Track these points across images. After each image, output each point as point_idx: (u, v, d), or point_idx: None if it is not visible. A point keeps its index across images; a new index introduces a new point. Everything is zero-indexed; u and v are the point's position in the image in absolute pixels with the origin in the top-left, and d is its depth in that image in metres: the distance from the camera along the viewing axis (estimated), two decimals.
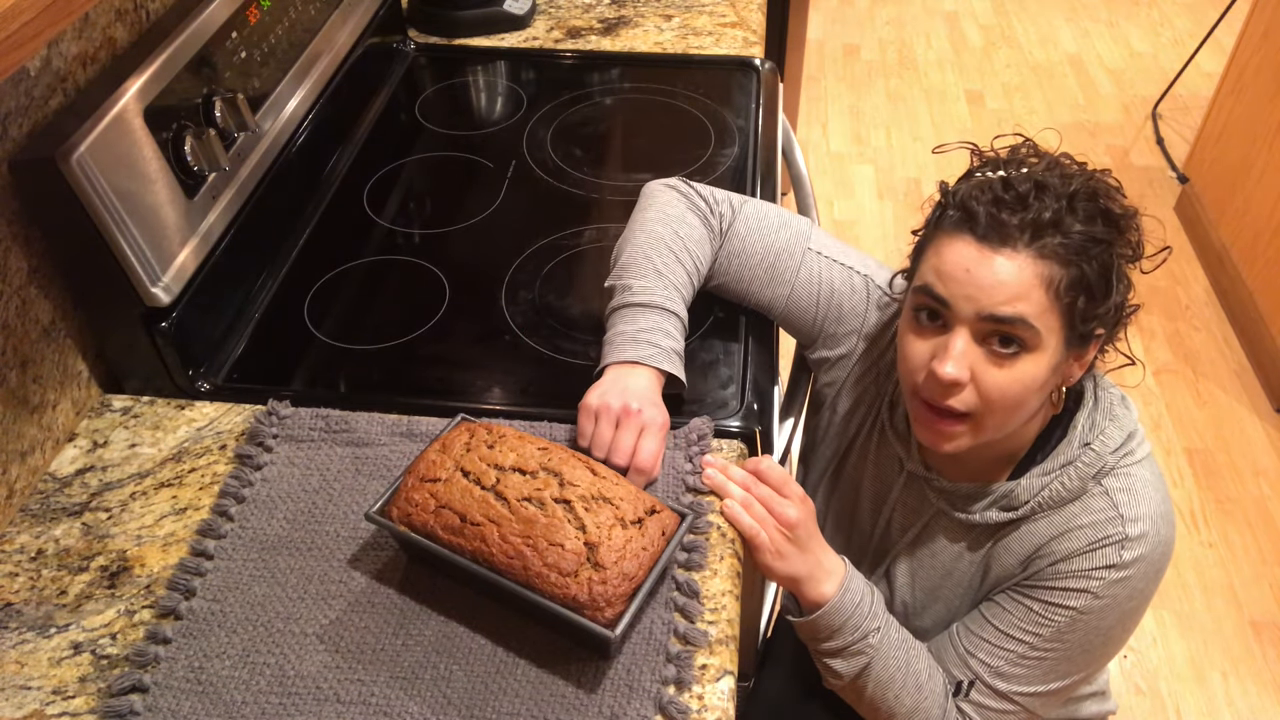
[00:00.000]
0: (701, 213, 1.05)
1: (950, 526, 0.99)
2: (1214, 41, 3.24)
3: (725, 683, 0.78)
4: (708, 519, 0.89)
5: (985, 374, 0.84)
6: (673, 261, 1.00)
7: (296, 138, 1.22)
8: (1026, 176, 0.83)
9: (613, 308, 0.99)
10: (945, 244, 0.85)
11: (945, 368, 0.83)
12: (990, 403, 0.85)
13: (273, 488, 0.93)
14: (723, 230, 1.05)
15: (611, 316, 0.98)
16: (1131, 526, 0.88)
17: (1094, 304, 0.83)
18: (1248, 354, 2.41)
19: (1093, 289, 0.82)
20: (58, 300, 0.97)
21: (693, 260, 1.02)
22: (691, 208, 1.05)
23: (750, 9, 1.65)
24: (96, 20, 0.98)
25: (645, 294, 0.97)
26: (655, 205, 1.05)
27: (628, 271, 0.99)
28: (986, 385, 0.84)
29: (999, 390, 0.84)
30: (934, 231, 0.88)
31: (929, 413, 0.88)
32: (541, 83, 1.51)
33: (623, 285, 0.99)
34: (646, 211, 1.05)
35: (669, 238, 1.01)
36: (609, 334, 0.97)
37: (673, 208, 1.04)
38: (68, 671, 0.80)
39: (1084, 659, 0.94)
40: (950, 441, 0.88)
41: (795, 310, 1.05)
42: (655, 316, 0.96)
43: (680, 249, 1.01)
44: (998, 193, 0.83)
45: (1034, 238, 0.81)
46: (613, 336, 0.96)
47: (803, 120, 3.21)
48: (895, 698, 0.96)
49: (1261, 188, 2.36)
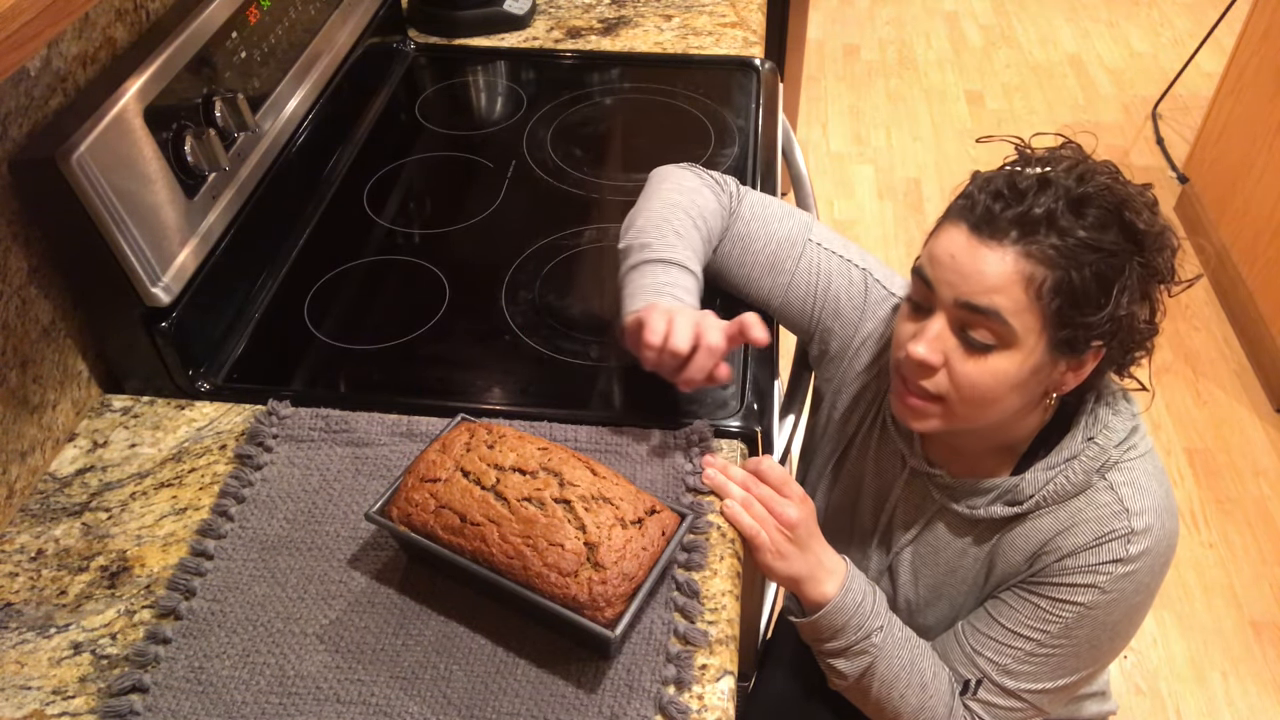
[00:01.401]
0: (713, 187, 1.06)
1: (954, 523, 0.99)
2: (1214, 41, 3.24)
3: (725, 683, 0.78)
4: (708, 519, 0.89)
5: (957, 363, 0.85)
6: (690, 227, 1.00)
7: (296, 138, 1.22)
8: (1035, 174, 0.83)
9: (632, 265, 0.97)
10: (944, 229, 0.87)
11: (917, 348, 0.86)
12: (960, 390, 0.86)
13: (273, 488, 0.93)
14: (732, 207, 1.06)
15: (630, 274, 0.97)
16: (1137, 520, 0.88)
17: (1078, 312, 0.82)
18: (1248, 354, 2.41)
19: (1077, 296, 0.81)
20: (58, 300, 0.97)
21: (707, 229, 1.02)
22: (705, 184, 1.06)
23: (750, 9, 1.65)
24: (96, 20, 0.98)
25: (667, 250, 0.96)
26: (671, 179, 1.06)
27: (645, 233, 0.99)
28: (957, 374, 0.86)
29: (968, 380, 0.85)
30: (943, 216, 0.89)
31: (903, 388, 0.90)
32: (541, 83, 1.51)
33: (641, 244, 0.98)
34: (662, 184, 1.05)
35: (686, 205, 1.02)
36: (629, 289, 0.95)
37: (688, 181, 1.05)
38: (68, 671, 0.80)
39: (1092, 654, 0.94)
40: (920, 420, 0.90)
41: (793, 301, 1.05)
42: (676, 272, 0.95)
43: (697, 216, 1.01)
44: (1000, 186, 0.83)
45: (1022, 234, 0.81)
46: (634, 290, 0.94)
47: (803, 120, 3.21)
48: (900, 697, 0.96)
49: (1261, 188, 2.36)
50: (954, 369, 0.86)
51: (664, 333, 0.87)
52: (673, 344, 0.86)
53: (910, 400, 0.90)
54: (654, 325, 0.87)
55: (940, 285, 0.85)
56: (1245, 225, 2.43)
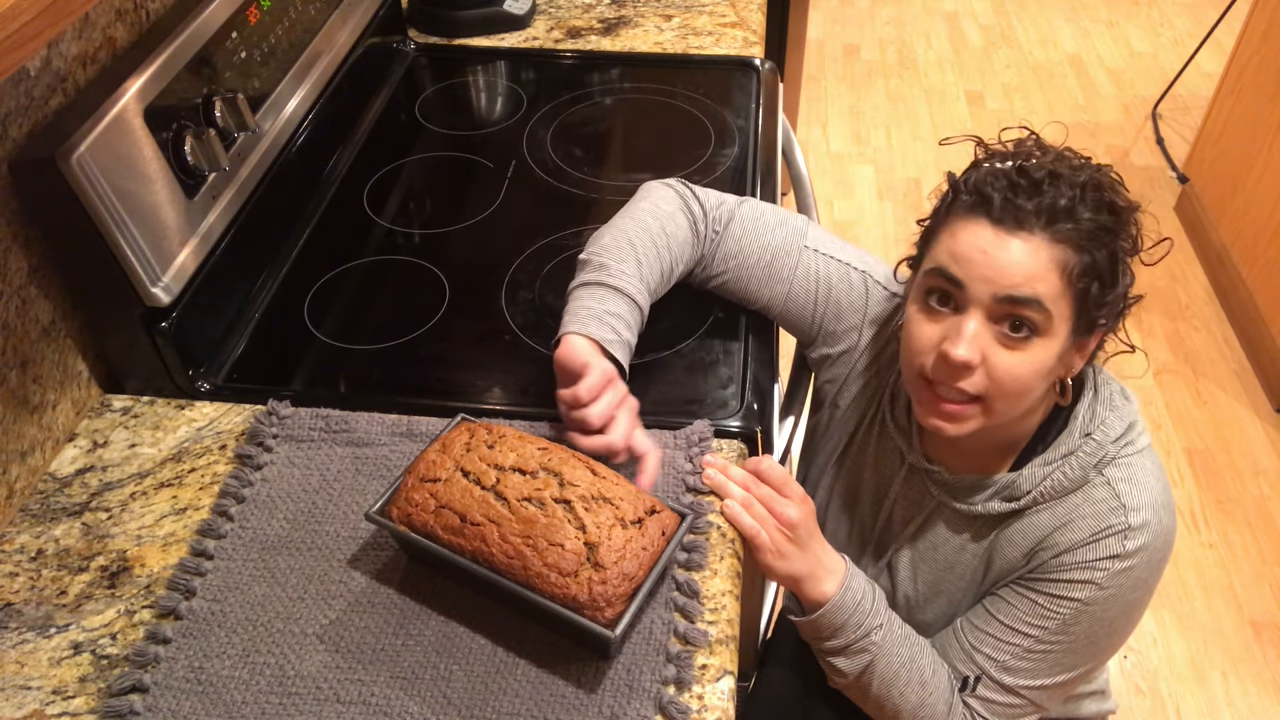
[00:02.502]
0: (693, 216, 1.05)
1: (952, 519, 1.00)
2: (1214, 41, 3.24)
3: (725, 683, 0.78)
4: (708, 519, 0.89)
5: (996, 356, 0.84)
6: (654, 256, 1.00)
7: (296, 138, 1.22)
8: (1040, 165, 0.84)
9: (583, 281, 0.97)
10: (960, 227, 0.85)
11: (958, 350, 0.84)
12: (1001, 385, 0.85)
13: (273, 488, 0.93)
14: (710, 237, 1.05)
15: (579, 289, 0.97)
16: (1134, 516, 0.88)
17: (1104, 291, 0.84)
18: (1248, 354, 2.41)
19: (1103, 276, 0.84)
20: (58, 300, 0.97)
21: (671, 259, 1.02)
22: (684, 209, 1.04)
23: (750, 9, 1.65)
24: (96, 20, 0.98)
25: (620, 279, 0.96)
26: (650, 199, 1.05)
27: (608, 252, 0.99)
28: (997, 368, 0.84)
29: (1010, 374, 0.84)
30: (945, 217, 0.88)
31: (934, 396, 0.88)
32: (541, 83, 1.51)
33: (600, 263, 0.97)
34: (640, 203, 1.05)
35: (655, 231, 1.01)
36: (573, 304, 0.96)
37: (666, 204, 1.04)
38: (68, 671, 0.80)
39: (1089, 650, 0.94)
40: (958, 424, 0.88)
41: (794, 308, 1.05)
42: (622, 304, 0.95)
43: (664, 245, 1.01)
44: (1013, 178, 0.84)
45: (1049, 222, 0.82)
46: (577, 309, 0.95)
47: (803, 120, 3.21)
48: (900, 695, 0.96)
49: (1261, 188, 2.36)
50: (992, 364, 0.85)
51: (587, 402, 0.88)
52: (587, 418, 0.88)
53: (946, 407, 0.87)
54: (588, 384, 0.88)
55: (974, 282, 0.83)
56: (1245, 225, 2.43)
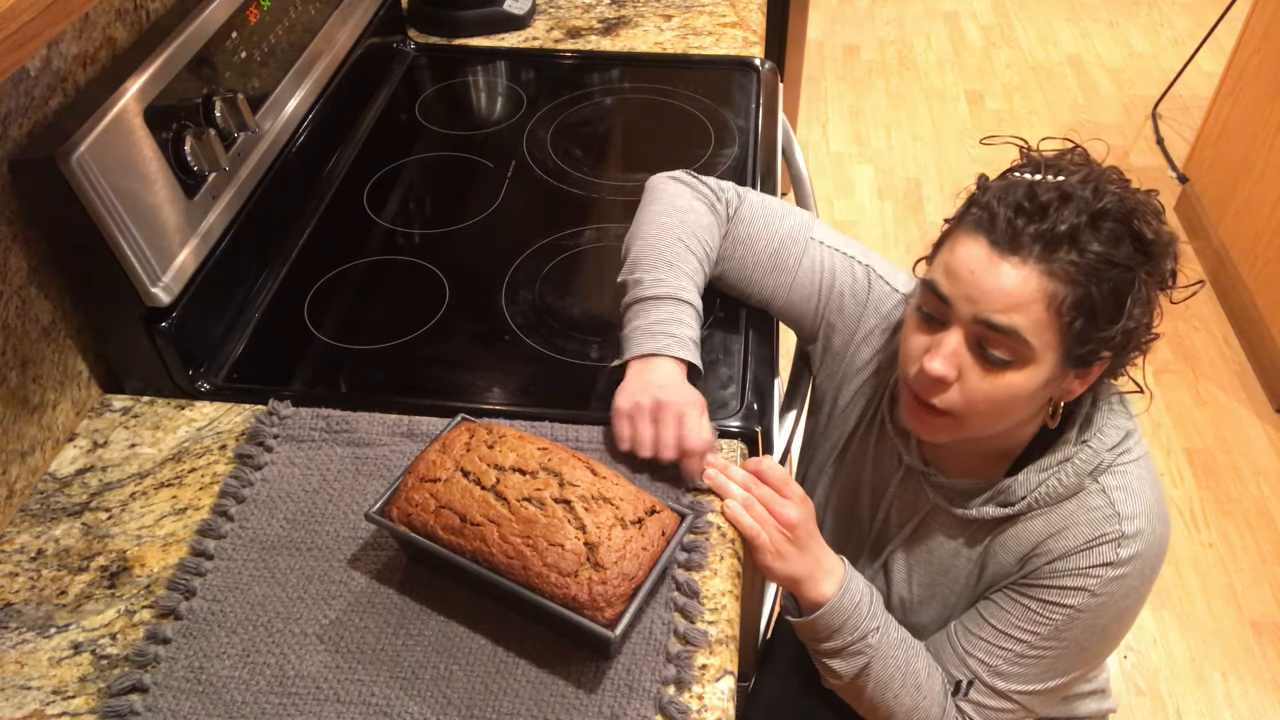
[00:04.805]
0: (707, 200, 1.05)
1: (947, 522, 0.99)
2: (1214, 41, 3.24)
3: (725, 683, 0.78)
4: (708, 519, 0.89)
5: (972, 378, 0.84)
6: (682, 250, 1.00)
7: (296, 138, 1.22)
8: (1054, 185, 0.82)
9: (626, 303, 0.99)
10: (960, 242, 0.85)
11: (933, 364, 0.85)
12: (974, 405, 0.85)
13: (273, 488, 0.93)
14: (729, 215, 1.06)
15: (626, 312, 0.98)
16: (1128, 524, 0.88)
17: (1095, 328, 0.81)
18: (1248, 354, 2.41)
19: (1096, 312, 0.81)
20: (58, 300, 0.97)
21: (702, 246, 1.02)
22: (697, 196, 1.05)
23: (750, 9, 1.65)
24: (96, 20, 0.98)
25: (657, 286, 0.97)
26: (661, 198, 1.05)
27: (639, 266, 1.00)
28: (971, 390, 0.85)
29: (983, 396, 0.85)
30: (956, 227, 0.87)
31: (914, 400, 0.90)
32: (541, 83, 1.51)
33: (634, 280, 0.99)
34: (653, 205, 1.05)
35: (676, 227, 1.01)
36: (625, 330, 0.97)
37: (679, 198, 1.04)
38: (68, 671, 0.80)
39: (1081, 657, 0.94)
40: (931, 432, 0.90)
41: (797, 299, 1.05)
42: (669, 307, 0.96)
43: (689, 236, 1.01)
44: (1020, 198, 0.82)
45: (1045, 250, 0.80)
46: (629, 332, 0.96)
47: (803, 120, 3.21)
48: (895, 697, 0.96)
49: (1261, 188, 2.36)
50: (967, 384, 0.85)
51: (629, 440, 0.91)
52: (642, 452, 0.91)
53: (922, 415, 0.89)
54: (620, 433, 0.92)
55: (958, 301, 0.83)
56: (1245, 225, 2.43)
